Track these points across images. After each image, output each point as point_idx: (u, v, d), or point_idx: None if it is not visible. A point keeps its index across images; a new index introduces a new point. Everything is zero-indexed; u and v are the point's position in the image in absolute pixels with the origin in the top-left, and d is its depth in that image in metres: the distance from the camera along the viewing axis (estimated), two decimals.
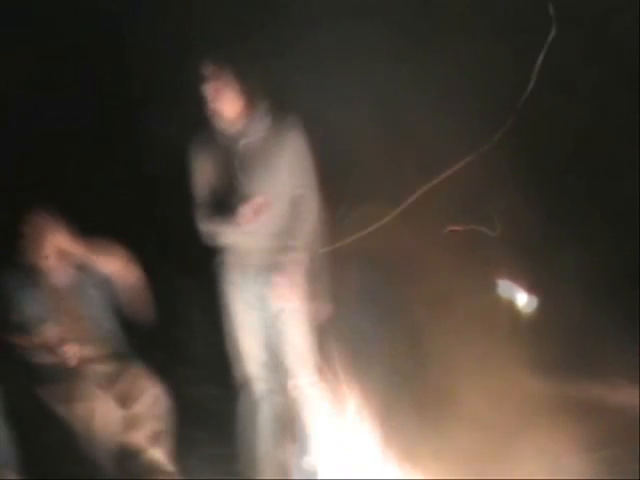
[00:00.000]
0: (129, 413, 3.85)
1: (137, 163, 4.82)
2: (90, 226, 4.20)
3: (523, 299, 4.54)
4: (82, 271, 4.19)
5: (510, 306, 4.57)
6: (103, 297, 4.17)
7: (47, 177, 4.80)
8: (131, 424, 3.84)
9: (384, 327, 4.34)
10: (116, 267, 4.13)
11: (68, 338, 4.00)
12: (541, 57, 4.51)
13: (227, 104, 3.74)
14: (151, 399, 3.88)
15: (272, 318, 3.83)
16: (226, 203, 3.73)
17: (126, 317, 4.19)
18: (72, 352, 3.94)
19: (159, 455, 3.83)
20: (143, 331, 4.21)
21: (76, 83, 4.83)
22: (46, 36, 4.79)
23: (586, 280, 4.48)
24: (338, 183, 4.08)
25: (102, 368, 3.99)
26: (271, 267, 3.76)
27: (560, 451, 3.82)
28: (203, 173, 3.82)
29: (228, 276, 3.88)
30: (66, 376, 3.92)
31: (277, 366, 3.86)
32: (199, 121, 3.81)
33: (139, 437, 3.83)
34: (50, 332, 4.02)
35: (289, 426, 3.91)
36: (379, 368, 4.08)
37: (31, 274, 4.10)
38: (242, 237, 3.76)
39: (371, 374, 3.98)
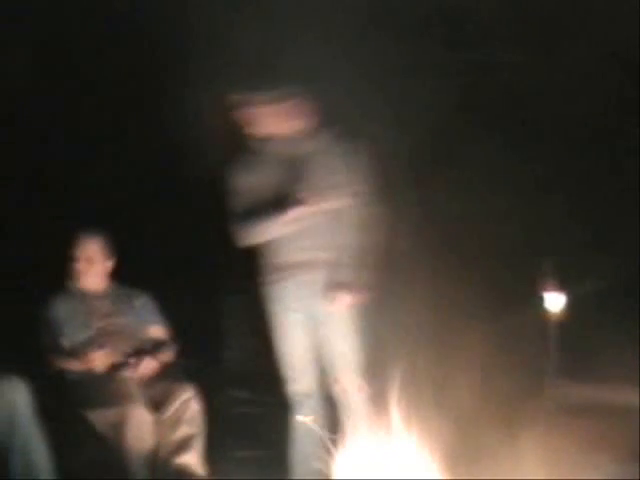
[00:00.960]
0: (161, 417, 3.88)
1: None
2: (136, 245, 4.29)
3: (550, 298, 4.51)
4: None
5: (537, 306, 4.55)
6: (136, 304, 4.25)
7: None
8: (163, 428, 3.87)
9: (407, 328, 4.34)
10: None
11: (97, 343, 4.07)
12: None
13: (276, 126, 3.83)
14: (183, 403, 3.90)
15: (318, 322, 3.86)
16: (273, 208, 3.79)
17: None
18: (98, 358, 4.00)
19: (190, 459, 3.85)
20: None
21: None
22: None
23: (611, 280, 4.47)
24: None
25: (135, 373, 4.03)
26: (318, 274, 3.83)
27: (581, 451, 3.81)
28: (248, 184, 3.86)
29: (272, 277, 3.91)
30: (98, 381, 3.97)
31: (317, 370, 3.91)
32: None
33: (171, 441, 3.86)
34: (79, 336, 4.09)
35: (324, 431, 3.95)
36: (405, 369, 4.07)
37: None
38: (290, 249, 3.83)
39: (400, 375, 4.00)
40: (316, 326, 3.87)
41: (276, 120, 3.80)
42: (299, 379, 3.90)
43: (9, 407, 3.54)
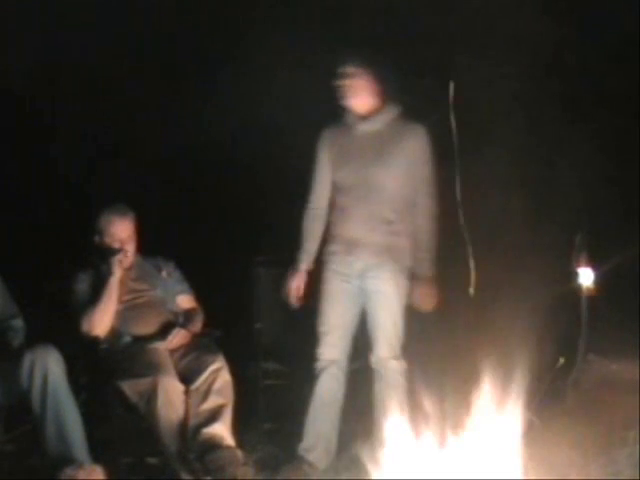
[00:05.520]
0: (191, 387, 3.90)
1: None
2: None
3: (583, 273, 4.48)
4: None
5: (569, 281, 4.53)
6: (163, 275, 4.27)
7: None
8: (193, 398, 3.88)
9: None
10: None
11: (128, 316, 4.10)
12: None
13: (360, 101, 3.95)
14: (212, 373, 3.92)
15: (367, 296, 3.97)
16: (343, 186, 3.96)
17: None
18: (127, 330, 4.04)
19: (220, 428, 3.85)
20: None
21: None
22: None
23: None
24: None
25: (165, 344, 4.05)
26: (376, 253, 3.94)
27: (610, 427, 3.81)
28: (324, 154, 4.02)
29: (331, 248, 4.02)
30: (129, 352, 4.00)
31: (349, 342, 4.00)
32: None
33: (200, 411, 3.87)
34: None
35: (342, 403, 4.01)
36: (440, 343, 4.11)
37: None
38: (357, 226, 3.94)
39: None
40: (364, 299, 3.98)
41: (357, 95, 3.94)
42: (332, 345, 3.98)
43: (43, 376, 3.58)
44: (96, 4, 4.86)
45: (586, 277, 4.40)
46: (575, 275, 4.39)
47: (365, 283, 3.97)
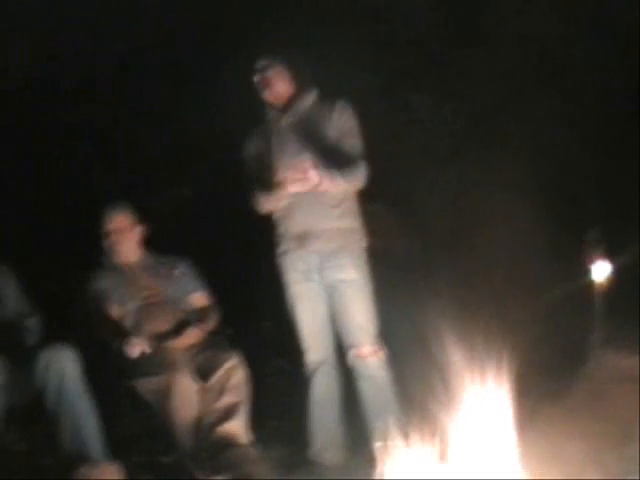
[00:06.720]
0: (206, 385, 3.89)
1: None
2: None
3: (596, 268, 4.50)
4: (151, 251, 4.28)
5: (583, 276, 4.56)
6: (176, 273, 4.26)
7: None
8: (208, 396, 3.87)
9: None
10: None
11: (144, 313, 4.08)
12: None
13: (277, 92, 3.91)
14: (227, 371, 3.91)
15: (331, 289, 3.90)
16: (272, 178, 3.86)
17: None
18: (135, 344, 3.96)
19: (235, 426, 3.84)
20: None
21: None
22: None
23: None
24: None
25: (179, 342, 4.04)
26: (329, 240, 3.86)
27: (623, 421, 3.82)
28: (252, 152, 3.97)
29: (283, 247, 3.96)
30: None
31: (331, 337, 3.95)
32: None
33: (215, 409, 3.86)
34: (129, 305, 4.09)
35: (341, 398, 3.98)
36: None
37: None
38: (298, 219, 3.87)
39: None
40: (329, 294, 3.91)
41: (271, 87, 3.91)
42: (314, 347, 3.95)
43: (58, 375, 3.58)
44: (96, 3, 4.86)
45: (599, 272, 4.42)
46: (589, 270, 4.40)
47: (326, 275, 3.88)
